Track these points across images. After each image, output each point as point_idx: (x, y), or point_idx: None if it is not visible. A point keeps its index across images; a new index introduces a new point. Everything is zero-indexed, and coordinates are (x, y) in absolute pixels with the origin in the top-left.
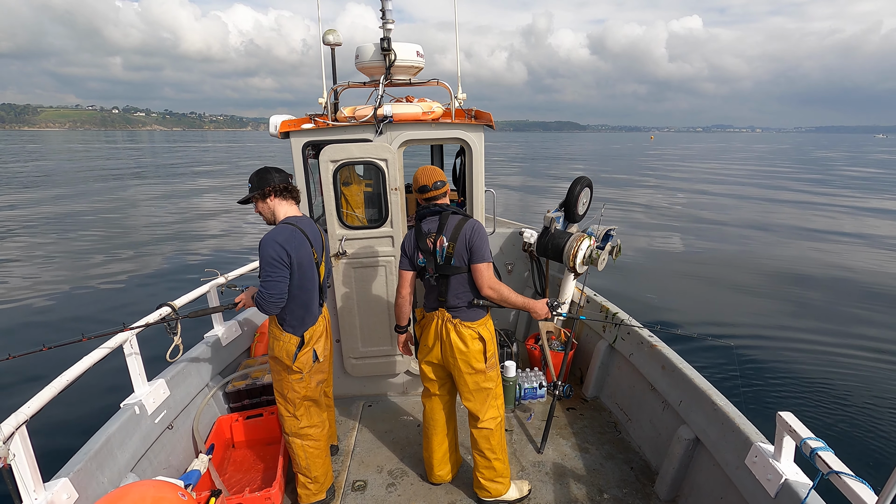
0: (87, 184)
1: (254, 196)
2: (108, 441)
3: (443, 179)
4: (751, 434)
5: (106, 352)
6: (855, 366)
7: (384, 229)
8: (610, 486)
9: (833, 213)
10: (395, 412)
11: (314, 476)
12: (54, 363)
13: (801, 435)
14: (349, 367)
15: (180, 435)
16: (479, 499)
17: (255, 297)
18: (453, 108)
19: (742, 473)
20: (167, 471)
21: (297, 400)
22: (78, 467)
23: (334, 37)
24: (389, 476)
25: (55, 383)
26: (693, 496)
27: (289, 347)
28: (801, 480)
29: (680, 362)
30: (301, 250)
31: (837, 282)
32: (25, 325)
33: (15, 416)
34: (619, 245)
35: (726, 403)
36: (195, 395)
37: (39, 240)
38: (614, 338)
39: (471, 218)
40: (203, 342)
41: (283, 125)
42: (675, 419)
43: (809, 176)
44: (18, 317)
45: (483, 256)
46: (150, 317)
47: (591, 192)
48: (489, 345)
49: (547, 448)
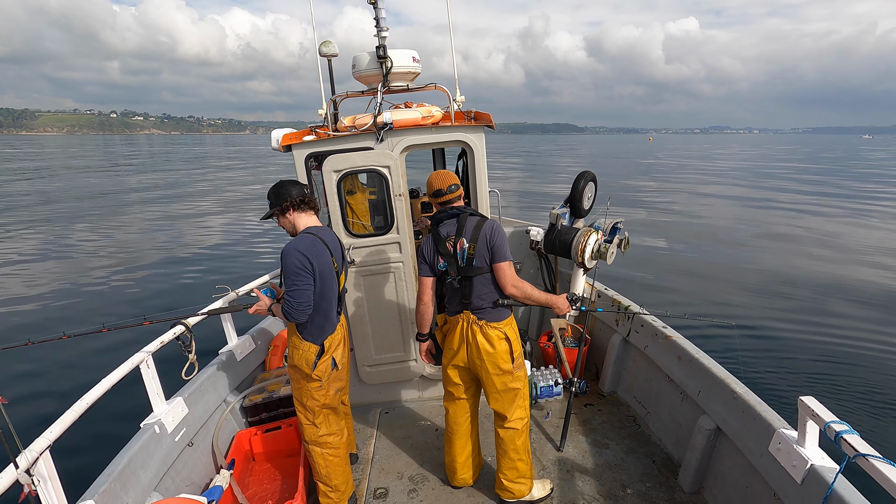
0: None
1: (274, 212)
2: (130, 461)
3: (457, 183)
4: (773, 421)
5: (124, 372)
6: (870, 351)
7: (391, 236)
8: (633, 480)
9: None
10: (412, 417)
11: (335, 484)
12: (72, 380)
13: (825, 419)
14: (364, 374)
15: (201, 452)
16: (501, 500)
17: (284, 307)
18: (452, 111)
19: (766, 461)
20: (190, 488)
21: (317, 408)
22: (102, 489)
23: (330, 48)
24: (410, 482)
25: (76, 407)
26: (718, 486)
27: (308, 356)
28: (828, 465)
29: (696, 352)
30: (322, 259)
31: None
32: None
33: (38, 441)
34: (627, 237)
35: (746, 391)
36: (213, 411)
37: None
38: (628, 331)
39: (488, 218)
40: (218, 358)
41: (285, 139)
42: (695, 410)
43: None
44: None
45: (505, 255)
46: (164, 336)
47: (595, 187)
48: (515, 344)
49: (567, 445)
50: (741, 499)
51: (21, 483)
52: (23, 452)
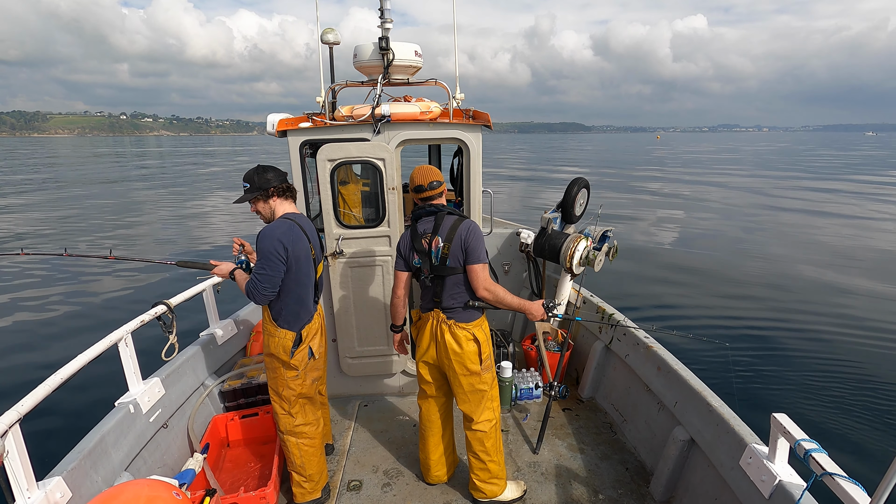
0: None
1: (257, 196)
2: (102, 440)
3: (439, 179)
4: (745, 435)
5: (101, 349)
6: (846, 365)
7: (381, 229)
8: (605, 486)
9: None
10: (391, 412)
11: (309, 474)
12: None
13: (796, 436)
14: (345, 366)
15: (175, 434)
16: (474, 499)
17: (248, 284)
18: (451, 108)
19: (736, 474)
20: (162, 470)
21: (293, 397)
22: (72, 466)
23: (333, 35)
24: (385, 476)
25: (49, 381)
26: (688, 497)
27: (285, 343)
28: (795, 482)
29: (675, 363)
30: (298, 244)
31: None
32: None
33: (8, 413)
34: (616, 246)
35: (721, 405)
36: (190, 393)
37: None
38: (610, 339)
39: (466, 218)
40: (198, 341)
41: (281, 123)
42: (671, 420)
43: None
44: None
45: (479, 257)
46: (145, 315)
47: (588, 194)
48: (484, 346)
49: (543, 448)
50: None
51: None
52: None
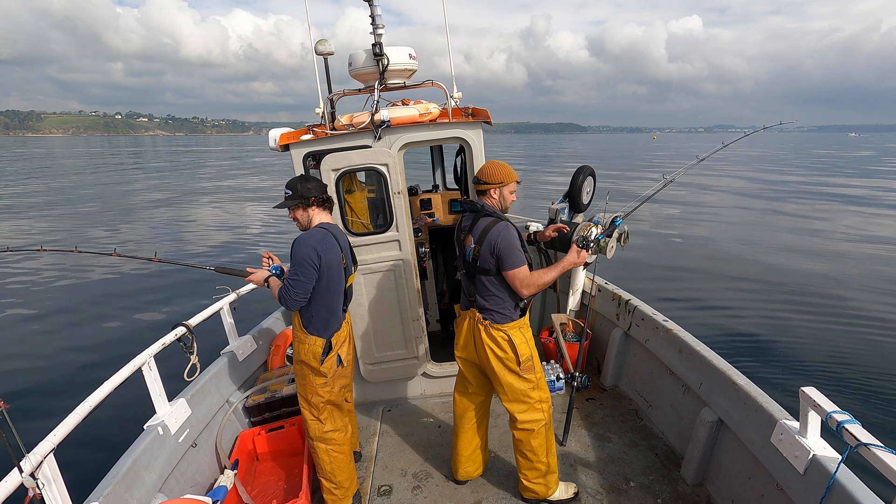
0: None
1: (298, 203)
2: (134, 463)
3: (492, 180)
4: (774, 412)
5: (126, 375)
6: (869, 339)
7: (390, 234)
8: (636, 473)
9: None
10: (414, 415)
11: (339, 481)
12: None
13: (826, 409)
14: (366, 372)
15: (204, 452)
16: (524, 499)
17: (281, 290)
18: (450, 108)
19: (768, 452)
20: (194, 489)
21: (321, 404)
22: (107, 491)
23: (326, 46)
24: (414, 479)
25: (79, 410)
26: (720, 478)
27: (315, 349)
28: (830, 455)
29: (697, 344)
30: (331, 253)
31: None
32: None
33: (42, 444)
34: (627, 231)
35: (747, 383)
36: (216, 411)
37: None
38: (629, 325)
39: (501, 221)
40: (220, 359)
41: (283, 138)
42: (697, 402)
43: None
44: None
45: (513, 263)
46: (165, 337)
47: (594, 181)
48: (521, 348)
49: (569, 439)
50: (744, 490)
51: (26, 487)
52: (27, 456)
